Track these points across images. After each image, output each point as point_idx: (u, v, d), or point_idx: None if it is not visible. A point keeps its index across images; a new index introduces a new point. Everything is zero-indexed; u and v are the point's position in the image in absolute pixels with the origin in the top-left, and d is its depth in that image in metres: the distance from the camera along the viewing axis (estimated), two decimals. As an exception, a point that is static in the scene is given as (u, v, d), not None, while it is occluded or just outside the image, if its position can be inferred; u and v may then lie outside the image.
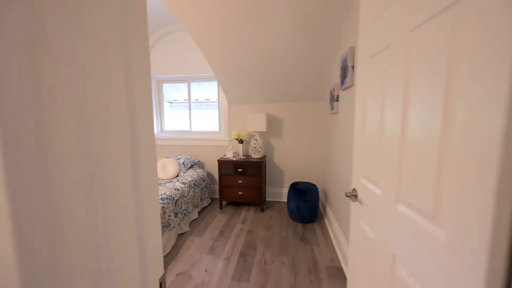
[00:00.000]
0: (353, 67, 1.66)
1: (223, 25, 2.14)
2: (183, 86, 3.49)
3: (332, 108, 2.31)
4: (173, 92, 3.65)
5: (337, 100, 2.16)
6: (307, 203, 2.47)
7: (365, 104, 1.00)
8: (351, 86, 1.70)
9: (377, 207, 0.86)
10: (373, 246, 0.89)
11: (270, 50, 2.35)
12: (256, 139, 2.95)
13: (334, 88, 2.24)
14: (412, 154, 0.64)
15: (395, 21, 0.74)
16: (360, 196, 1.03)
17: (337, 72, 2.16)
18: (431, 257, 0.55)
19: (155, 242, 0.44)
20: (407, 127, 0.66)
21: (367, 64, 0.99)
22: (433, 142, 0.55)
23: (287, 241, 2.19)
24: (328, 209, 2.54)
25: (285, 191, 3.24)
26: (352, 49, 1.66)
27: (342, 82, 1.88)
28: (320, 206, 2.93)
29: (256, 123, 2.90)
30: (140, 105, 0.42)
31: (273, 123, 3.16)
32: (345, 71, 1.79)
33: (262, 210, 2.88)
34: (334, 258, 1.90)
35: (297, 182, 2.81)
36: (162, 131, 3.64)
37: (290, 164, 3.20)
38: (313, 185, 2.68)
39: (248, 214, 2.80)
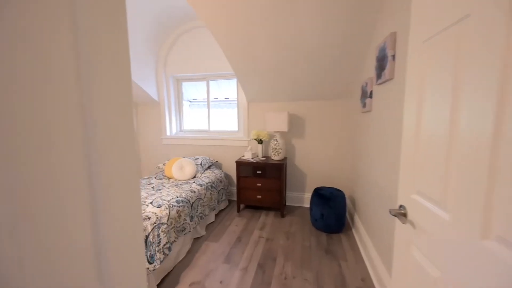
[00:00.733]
0: (394, 56, 1.41)
1: (245, 20, 1.98)
2: (202, 85, 3.41)
3: (364, 106, 2.05)
4: (192, 91, 3.60)
5: (370, 97, 1.90)
6: (332, 211, 2.24)
7: (421, 99, 0.77)
8: (390, 79, 1.45)
9: (443, 236, 0.64)
10: (434, 286, 0.67)
11: (293, 44, 2.15)
12: (276, 139, 2.77)
13: (366, 83, 1.98)
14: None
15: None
16: (411, 216, 0.81)
17: (371, 64, 1.90)
18: None
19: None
20: (508, 128, 0.45)
21: (424, 48, 0.76)
22: None
23: (310, 253, 1.98)
24: (357, 219, 2.28)
25: (307, 196, 3.01)
26: (393, 36, 1.41)
27: (379, 76, 1.63)
28: (347, 214, 2.66)
29: (276, 122, 2.72)
30: (105, 99, 0.27)
31: (295, 123, 2.95)
32: (383, 62, 1.54)
33: (282, 216, 2.69)
34: (366, 278, 1.66)
35: (321, 187, 2.58)
36: (181, 130, 3.61)
37: (313, 167, 2.96)
38: (339, 190, 2.43)
39: (267, 219, 2.63)
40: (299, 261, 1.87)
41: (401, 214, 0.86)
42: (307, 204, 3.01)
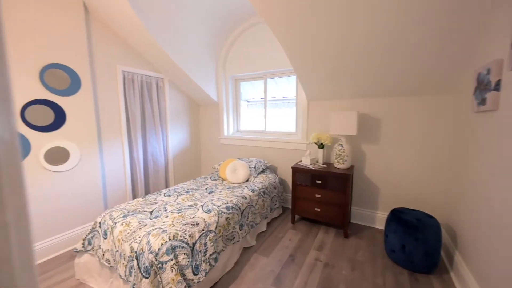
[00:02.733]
0: None
1: (305, 9, 1.67)
2: (260, 84, 3.27)
3: (482, 103, 1.41)
4: (250, 90, 3.52)
5: (496, 89, 1.27)
6: (420, 244, 1.67)
7: None
8: (553, 57, 0.88)
9: None
10: None
11: (365, 26, 1.69)
12: (341, 144, 2.33)
13: (488, 70, 1.35)
14: None
15: None
16: None
17: (499, 40, 1.27)
18: None
19: None
20: None
21: None
22: None
23: (385, 296, 1.52)
24: (459, 260, 1.64)
25: (380, 215, 2.44)
26: None
27: (521, 54, 1.04)
28: (442, 250, 1.98)
29: (342, 124, 2.28)
30: None
31: (367, 125, 2.43)
32: (534, 31, 0.96)
33: (346, 236, 2.24)
34: None
35: (402, 208, 2.00)
36: (237, 130, 3.58)
37: (390, 181, 2.37)
38: (431, 217, 1.81)
39: (326, 238, 2.24)
40: (369, 305, 1.44)
41: None
42: (379, 226, 2.44)
